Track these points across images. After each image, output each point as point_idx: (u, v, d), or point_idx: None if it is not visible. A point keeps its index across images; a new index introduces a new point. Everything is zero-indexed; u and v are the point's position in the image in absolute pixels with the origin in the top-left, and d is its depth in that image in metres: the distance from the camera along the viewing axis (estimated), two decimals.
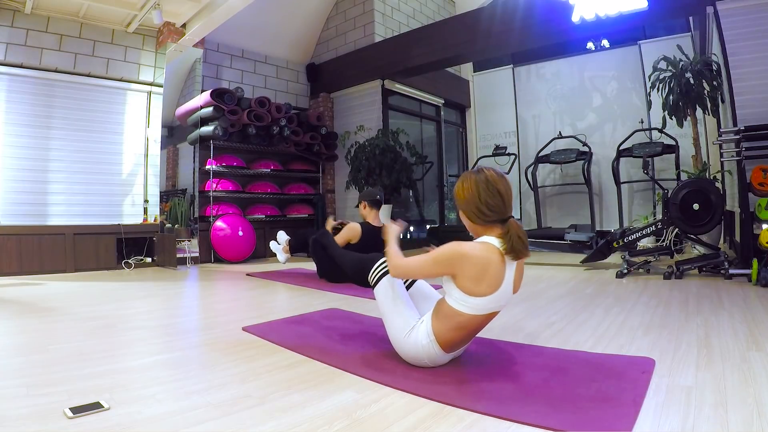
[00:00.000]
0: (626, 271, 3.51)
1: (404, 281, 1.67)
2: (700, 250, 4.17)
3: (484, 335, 1.78)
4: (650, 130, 5.64)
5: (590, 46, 6.85)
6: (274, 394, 1.32)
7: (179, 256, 4.84)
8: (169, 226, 5.11)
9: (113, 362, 1.64)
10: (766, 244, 3.05)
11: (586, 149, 6.15)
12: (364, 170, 5.65)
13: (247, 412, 1.20)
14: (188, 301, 3.15)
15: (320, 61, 6.97)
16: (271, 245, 4.15)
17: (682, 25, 5.79)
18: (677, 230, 3.81)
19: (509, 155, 6.55)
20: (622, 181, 5.74)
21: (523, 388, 1.32)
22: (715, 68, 4.32)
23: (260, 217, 5.85)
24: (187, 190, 5.51)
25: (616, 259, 4.20)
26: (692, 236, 3.64)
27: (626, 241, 3.78)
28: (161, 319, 2.48)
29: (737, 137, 3.35)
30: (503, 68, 7.55)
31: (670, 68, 4.66)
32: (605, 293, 2.86)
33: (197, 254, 5.11)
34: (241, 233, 5.27)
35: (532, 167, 6.48)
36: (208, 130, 5.22)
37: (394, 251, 1.54)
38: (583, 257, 4.15)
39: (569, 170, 6.59)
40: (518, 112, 7.43)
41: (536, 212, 6.54)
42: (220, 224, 5.25)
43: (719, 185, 4.01)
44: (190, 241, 5.12)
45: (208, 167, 5.43)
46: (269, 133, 5.72)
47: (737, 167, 3.41)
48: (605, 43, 6.71)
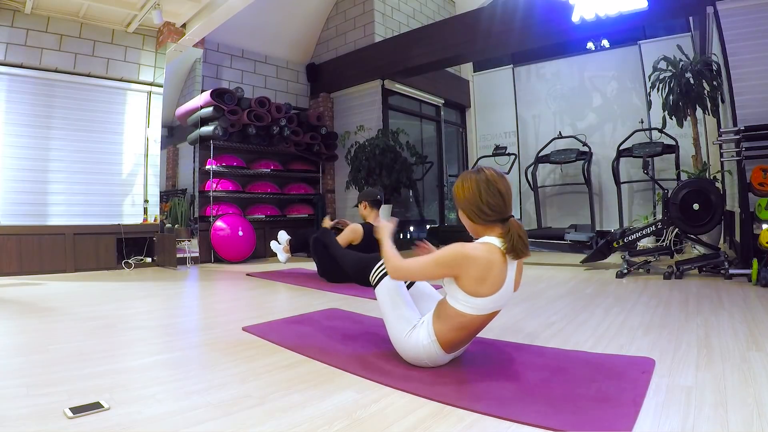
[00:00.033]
0: (626, 271, 3.51)
1: (405, 281, 1.67)
2: (700, 250, 4.17)
3: (484, 335, 1.78)
4: (650, 130, 5.64)
5: (590, 46, 6.84)
6: (274, 394, 1.32)
7: (179, 256, 4.84)
8: (169, 226, 5.11)
9: (113, 362, 1.64)
10: (766, 244, 3.05)
11: (586, 149, 6.15)
12: (364, 170, 5.65)
13: (247, 412, 1.20)
14: (188, 301, 3.15)
15: (320, 61, 6.97)
16: (271, 245, 4.15)
17: (682, 25, 5.79)
18: (677, 230, 3.80)
19: (509, 155, 6.56)
20: (622, 181, 5.74)
21: (523, 388, 1.32)
22: (715, 68, 4.32)
23: (260, 217, 5.85)
24: (187, 190, 5.51)
25: (616, 259, 4.20)
26: (692, 236, 3.64)
27: (626, 241, 3.78)
28: (161, 319, 2.48)
29: (737, 137, 3.35)
30: (503, 68, 7.55)
31: (670, 68, 4.66)
32: (605, 293, 2.86)
33: (197, 254, 5.11)
34: (241, 233, 5.27)
35: (532, 167, 6.48)
36: (208, 130, 5.22)
37: (391, 253, 1.50)
38: (583, 257, 4.15)
39: (569, 170, 6.59)
40: (518, 112, 7.43)
41: (536, 212, 6.54)
42: (220, 224, 5.25)
43: (719, 185, 4.01)
44: (190, 241, 5.12)
45: (208, 167, 5.43)
46: (269, 133, 5.72)
47: (737, 167, 3.42)
48: (605, 43, 6.70)
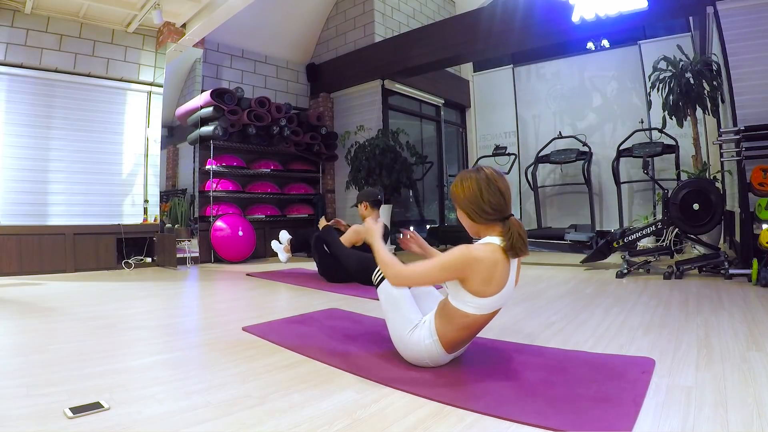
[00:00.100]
0: (626, 271, 3.51)
1: None
2: (700, 250, 4.17)
3: (484, 335, 1.78)
4: (650, 130, 5.64)
5: (590, 46, 6.84)
6: (274, 394, 1.32)
7: (179, 256, 4.84)
8: (169, 226, 5.11)
9: (113, 362, 1.64)
10: (766, 244, 3.05)
11: (586, 149, 6.14)
12: (364, 170, 5.64)
13: (247, 412, 1.20)
14: (188, 301, 3.16)
15: (320, 61, 6.97)
16: (272, 244, 4.15)
17: (682, 25, 5.79)
18: (677, 230, 3.81)
19: (509, 155, 6.55)
20: (622, 181, 5.74)
21: (523, 388, 1.32)
22: (715, 68, 4.32)
23: (260, 217, 5.85)
24: (187, 190, 5.51)
25: (616, 259, 4.20)
26: (692, 236, 3.64)
27: (626, 241, 3.78)
28: (161, 319, 2.48)
29: (737, 137, 3.35)
30: (503, 68, 7.55)
31: (670, 68, 4.66)
32: (605, 293, 2.86)
33: (197, 254, 5.11)
34: (241, 233, 5.27)
35: (532, 167, 6.48)
36: (208, 130, 5.22)
37: (387, 258, 1.44)
38: (583, 257, 4.15)
39: (569, 170, 6.59)
40: (518, 112, 7.43)
41: (536, 212, 6.54)
42: (220, 224, 5.25)
43: (719, 185, 4.01)
44: (190, 241, 5.13)
45: (208, 167, 5.43)
46: (269, 133, 5.72)
47: (737, 167, 3.41)
48: (605, 43, 6.70)
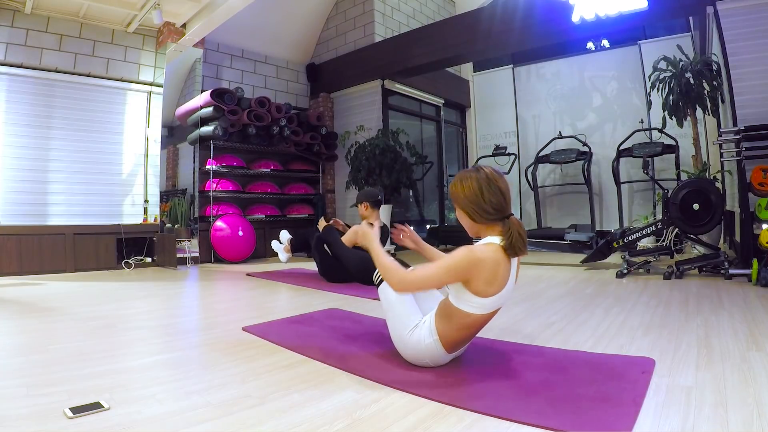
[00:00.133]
0: (626, 271, 3.51)
1: None
2: (700, 250, 4.17)
3: (484, 335, 1.78)
4: (650, 130, 5.63)
5: (590, 46, 6.84)
6: (274, 394, 1.32)
7: (179, 256, 4.84)
8: (169, 226, 5.11)
9: (113, 362, 1.64)
10: (766, 244, 3.05)
11: (586, 149, 6.14)
12: (364, 170, 5.64)
13: (247, 412, 1.20)
14: (188, 301, 3.15)
15: (320, 61, 6.97)
16: (273, 244, 4.15)
17: (682, 25, 5.78)
18: (677, 230, 3.81)
19: (509, 155, 6.55)
20: (622, 181, 5.74)
21: (523, 388, 1.32)
22: (715, 68, 4.32)
23: (260, 217, 5.85)
24: (187, 190, 5.51)
25: (616, 259, 4.20)
26: (692, 236, 3.64)
27: (626, 241, 3.78)
28: (161, 319, 2.48)
29: (737, 137, 3.35)
30: (503, 68, 7.55)
31: (670, 68, 4.65)
32: (605, 293, 2.86)
33: (197, 254, 5.11)
34: (241, 233, 5.27)
35: (532, 167, 6.48)
36: (208, 130, 5.22)
37: (388, 263, 1.42)
38: (583, 257, 4.15)
39: (569, 170, 6.59)
40: (518, 112, 7.43)
41: (536, 212, 6.54)
42: (220, 224, 5.25)
43: (719, 185, 4.01)
44: (190, 241, 5.12)
45: (208, 167, 5.43)
46: (269, 133, 5.72)
47: (737, 167, 3.41)
48: (605, 43, 6.70)
